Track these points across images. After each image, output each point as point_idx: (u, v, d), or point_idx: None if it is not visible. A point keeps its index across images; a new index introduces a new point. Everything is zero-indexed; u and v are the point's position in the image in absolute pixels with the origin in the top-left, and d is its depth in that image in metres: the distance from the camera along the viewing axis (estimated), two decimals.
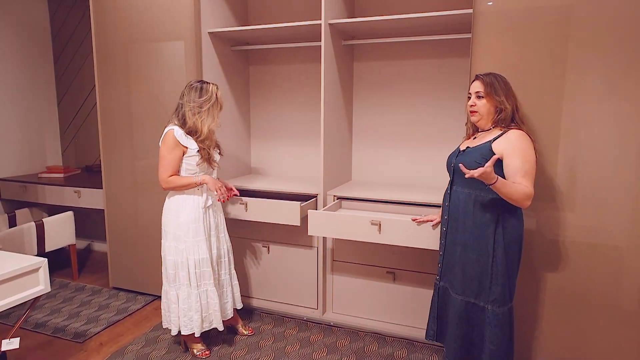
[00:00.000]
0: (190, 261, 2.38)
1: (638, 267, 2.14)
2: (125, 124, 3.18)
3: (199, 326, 2.41)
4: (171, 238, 2.40)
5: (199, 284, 2.40)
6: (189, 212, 2.37)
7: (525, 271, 2.29)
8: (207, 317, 2.45)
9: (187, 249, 2.37)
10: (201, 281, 2.40)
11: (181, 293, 2.41)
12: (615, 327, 2.21)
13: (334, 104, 2.83)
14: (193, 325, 2.42)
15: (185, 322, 2.42)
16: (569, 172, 2.18)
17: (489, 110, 1.96)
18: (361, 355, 2.56)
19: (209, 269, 2.40)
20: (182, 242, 2.37)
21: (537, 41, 2.15)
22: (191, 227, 2.37)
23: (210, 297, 2.43)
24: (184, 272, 2.39)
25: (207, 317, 2.44)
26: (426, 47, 2.91)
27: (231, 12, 3.17)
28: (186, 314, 2.41)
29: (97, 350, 2.64)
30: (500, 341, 1.92)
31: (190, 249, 2.37)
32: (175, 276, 2.41)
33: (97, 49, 3.18)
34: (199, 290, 2.40)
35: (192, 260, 2.37)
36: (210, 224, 2.45)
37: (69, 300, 3.30)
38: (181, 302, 2.41)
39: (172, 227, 2.39)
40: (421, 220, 2.26)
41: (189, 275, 2.39)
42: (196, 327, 2.41)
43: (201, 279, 2.40)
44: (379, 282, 2.79)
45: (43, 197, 3.81)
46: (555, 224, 2.24)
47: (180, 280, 2.40)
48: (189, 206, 2.38)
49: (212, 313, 2.45)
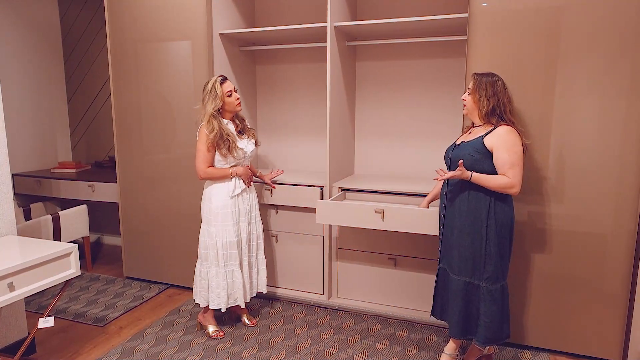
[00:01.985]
0: (218, 243, 2.60)
1: (619, 252, 2.35)
2: (138, 121, 3.35)
3: (225, 302, 2.65)
4: (205, 222, 2.65)
5: (226, 264, 2.62)
6: (219, 199, 2.59)
7: (517, 258, 2.49)
8: (232, 295, 2.68)
9: (216, 232, 2.61)
10: (228, 262, 2.63)
11: (211, 271, 2.64)
12: (598, 306, 2.42)
13: (339, 102, 3.02)
14: (220, 301, 2.64)
15: (213, 297, 2.65)
16: (559, 164, 2.38)
17: (472, 105, 2.18)
18: (365, 335, 2.75)
19: (235, 251, 2.62)
20: (212, 226, 2.61)
21: (529, 41, 2.34)
22: (220, 213, 2.59)
23: (236, 276, 2.65)
24: (213, 252, 2.62)
25: (232, 294, 2.67)
26: (425, 47, 3.10)
27: (239, 13, 3.34)
28: (214, 290, 2.65)
29: (118, 333, 2.82)
30: (493, 315, 2.12)
31: (219, 232, 2.60)
32: (207, 255, 2.65)
33: (112, 47, 3.35)
34: (226, 269, 2.63)
35: (220, 243, 2.60)
36: (239, 210, 2.65)
37: (86, 289, 3.47)
38: (211, 279, 2.65)
39: (205, 212, 2.64)
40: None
41: (217, 255, 2.61)
42: (222, 302, 2.64)
43: (228, 260, 2.62)
44: (381, 267, 2.98)
45: (57, 191, 3.96)
46: (545, 214, 2.44)
47: (210, 259, 2.64)
48: (220, 194, 2.60)
49: (237, 291, 2.67)
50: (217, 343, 2.67)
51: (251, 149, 2.68)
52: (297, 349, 2.60)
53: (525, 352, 2.56)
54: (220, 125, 2.52)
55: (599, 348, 2.45)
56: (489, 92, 2.12)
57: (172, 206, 3.34)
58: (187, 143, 3.20)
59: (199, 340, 2.71)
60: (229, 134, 2.54)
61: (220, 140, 2.51)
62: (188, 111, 3.16)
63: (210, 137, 2.49)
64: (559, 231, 2.43)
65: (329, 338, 2.72)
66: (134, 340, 2.70)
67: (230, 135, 2.55)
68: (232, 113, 2.63)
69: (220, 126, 2.52)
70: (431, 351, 2.57)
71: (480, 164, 2.10)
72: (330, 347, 2.62)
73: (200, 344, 2.67)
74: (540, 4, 2.29)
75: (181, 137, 3.23)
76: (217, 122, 2.51)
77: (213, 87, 2.52)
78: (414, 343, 2.66)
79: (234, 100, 2.57)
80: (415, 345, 2.64)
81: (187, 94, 3.15)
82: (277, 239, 3.20)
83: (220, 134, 2.50)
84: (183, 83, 3.15)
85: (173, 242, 3.38)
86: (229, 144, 2.52)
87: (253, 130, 2.77)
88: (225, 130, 2.53)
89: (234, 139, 2.56)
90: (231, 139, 2.54)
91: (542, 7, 2.29)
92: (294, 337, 2.73)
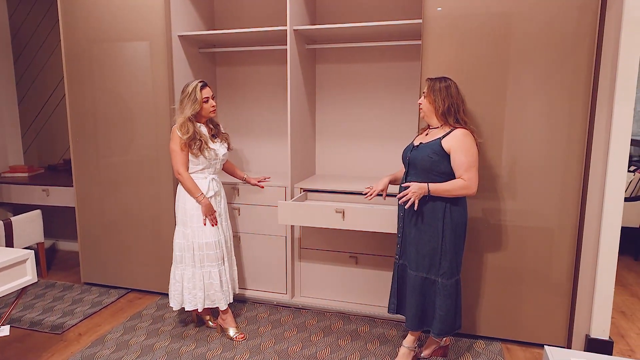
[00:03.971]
0: (195, 244, 2.61)
1: (565, 244, 2.52)
2: (94, 122, 3.28)
3: (202, 302, 2.66)
4: (180, 223, 2.65)
5: (202, 264, 2.63)
6: (194, 200, 2.59)
7: (470, 252, 2.62)
8: (209, 296, 2.67)
9: (192, 233, 2.61)
10: (205, 262, 2.63)
11: (186, 273, 2.64)
12: (545, 296, 2.58)
13: (299, 103, 3.07)
14: (197, 302, 2.65)
15: (189, 298, 2.65)
16: (510, 162, 2.52)
17: (429, 107, 2.28)
18: (328, 332, 2.81)
19: (212, 252, 2.62)
20: (188, 227, 2.62)
21: (480, 45, 2.47)
22: (195, 214, 2.60)
23: (213, 277, 2.65)
24: (189, 254, 2.63)
25: (209, 295, 2.67)
26: (382, 51, 3.19)
27: (198, 15, 3.33)
28: (190, 291, 2.65)
29: (77, 340, 2.76)
30: (448, 308, 2.23)
31: (195, 233, 2.61)
32: (182, 258, 2.65)
33: (66, 47, 3.26)
34: (203, 270, 2.63)
35: (196, 244, 2.61)
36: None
37: (41, 296, 3.37)
38: (186, 281, 2.65)
39: (180, 214, 2.65)
40: (370, 194, 2.48)
41: (194, 257, 2.62)
42: (199, 303, 2.65)
43: (204, 261, 2.62)
44: (343, 266, 3.06)
45: (8, 196, 3.82)
46: (498, 210, 2.58)
47: (186, 261, 2.64)
48: None
49: (214, 293, 2.67)
50: (180, 345, 2.67)
51: (223, 152, 2.71)
52: (260, 349, 2.63)
53: (479, 341, 2.70)
54: (194, 128, 2.57)
55: (546, 335, 2.62)
56: (444, 93, 2.23)
57: (131, 209, 3.29)
58: (146, 145, 3.16)
59: (162, 343, 2.69)
60: (201, 135, 2.59)
61: (192, 141, 2.55)
62: (148, 113, 3.12)
63: (184, 138, 2.53)
64: (510, 226, 2.58)
65: (292, 336, 2.77)
66: (94, 347, 2.66)
67: (202, 136, 2.58)
68: (206, 118, 2.67)
69: (195, 129, 2.56)
70: (391, 345, 2.66)
71: (437, 165, 2.20)
72: (293, 345, 2.67)
73: (163, 347, 2.65)
74: (490, 9, 2.42)
75: (140, 140, 3.18)
76: (191, 125, 2.55)
77: (193, 91, 2.55)
78: (375, 338, 2.75)
79: (209, 106, 2.62)
80: (377, 339, 2.73)
81: (146, 95, 3.11)
82: (239, 240, 3.22)
83: (193, 135, 2.55)
84: (141, 84, 3.11)
85: (133, 245, 3.33)
86: (200, 144, 2.56)
87: (226, 135, 2.81)
88: (198, 132, 2.58)
89: (205, 140, 2.59)
90: (203, 139, 2.58)
91: (491, 12, 2.42)
92: (258, 337, 2.76)
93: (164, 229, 3.20)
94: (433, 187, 2.16)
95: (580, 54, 2.34)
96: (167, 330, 2.84)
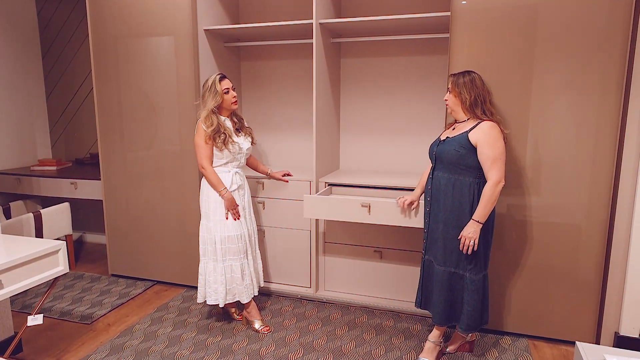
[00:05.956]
0: (217, 237, 2.62)
1: (592, 241, 2.47)
2: (120, 117, 3.33)
3: (223, 298, 2.67)
4: (204, 216, 2.68)
5: (224, 258, 2.64)
6: (217, 193, 2.61)
7: (497, 249, 2.59)
8: (231, 290, 2.68)
9: (214, 226, 2.63)
10: (226, 256, 2.64)
11: (209, 266, 2.67)
12: (574, 292, 2.54)
13: (324, 98, 3.06)
14: (218, 297, 2.67)
15: (210, 292, 2.67)
16: (536, 158, 2.48)
17: (455, 101, 2.25)
18: (352, 326, 2.82)
19: (235, 245, 2.63)
20: (211, 220, 2.64)
21: (507, 38, 2.43)
22: (218, 207, 2.61)
23: (234, 271, 2.66)
24: (211, 247, 2.65)
25: (230, 290, 2.68)
26: (408, 45, 3.17)
27: (224, 9, 3.35)
28: (211, 285, 2.67)
29: (106, 330, 2.82)
30: (475, 303, 2.22)
31: (217, 226, 2.62)
32: (205, 250, 2.68)
33: (93, 42, 3.31)
34: (224, 264, 2.64)
35: (218, 237, 2.62)
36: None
37: (70, 287, 3.44)
38: (208, 274, 2.67)
39: (204, 207, 2.67)
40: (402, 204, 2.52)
41: (215, 250, 2.64)
42: (220, 298, 2.66)
43: (226, 254, 2.64)
44: (367, 260, 3.06)
45: (38, 189, 3.91)
46: (523, 206, 2.55)
47: (208, 254, 2.67)
48: None
49: (236, 287, 2.68)
50: (207, 337, 2.70)
51: (247, 146, 2.73)
52: (286, 341, 2.65)
53: (505, 337, 2.67)
54: (218, 120, 2.58)
55: (574, 332, 2.58)
56: (469, 85, 2.20)
57: (156, 202, 3.34)
58: (171, 139, 3.20)
59: (189, 334, 2.73)
60: (225, 129, 2.60)
61: (217, 134, 2.57)
62: (172, 107, 3.16)
63: (208, 131, 2.54)
64: (536, 222, 2.54)
65: (317, 330, 2.78)
66: (122, 337, 2.71)
67: (226, 130, 2.60)
68: (229, 110, 2.68)
69: (219, 121, 2.58)
70: (416, 339, 2.66)
71: (464, 159, 2.18)
72: (318, 339, 2.68)
73: (190, 338, 2.69)
74: (517, 1, 2.38)
75: (165, 134, 3.23)
76: (215, 117, 2.57)
77: (213, 84, 2.57)
78: (399, 332, 2.74)
79: (231, 97, 2.63)
80: (401, 334, 2.73)
81: (171, 90, 3.15)
82: (264, 234, 3.24)
83: (217, 128, 2.56)
84: (167, 79, 3.15)
85: (159, 238, 3.38)
86: (224, 138, 2.57)
87: (250, 129, 2.82)
88: (222, 125, 2.60)
89: (229, 133, 2.61)
90: (227, 133, 2.59)
91: (519, 5, 2.38)
92: (283, 330, 2.78)
93: (189, 222, 3.24)
94: (478, 215, 2.14)
95: (612, 47, 2.28)
96: (194, 322, 2.88)
